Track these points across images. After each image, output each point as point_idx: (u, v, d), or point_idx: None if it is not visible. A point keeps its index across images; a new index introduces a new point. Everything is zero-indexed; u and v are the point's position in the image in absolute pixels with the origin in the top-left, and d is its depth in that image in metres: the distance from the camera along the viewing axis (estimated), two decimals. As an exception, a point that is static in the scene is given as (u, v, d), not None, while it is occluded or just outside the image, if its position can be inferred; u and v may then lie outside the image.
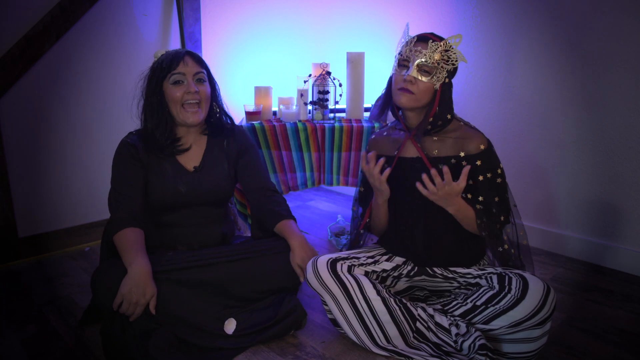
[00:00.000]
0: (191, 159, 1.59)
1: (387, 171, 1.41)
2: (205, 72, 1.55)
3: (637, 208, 1.94)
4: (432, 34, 1.41)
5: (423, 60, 1.37)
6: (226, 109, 1.68)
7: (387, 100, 1.55)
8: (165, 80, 1.49)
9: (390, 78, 1.49)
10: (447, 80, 1.40)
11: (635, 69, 1.85)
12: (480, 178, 1.41)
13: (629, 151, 1.92)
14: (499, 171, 1.43)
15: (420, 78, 1.38)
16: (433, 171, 1.31)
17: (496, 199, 1.42)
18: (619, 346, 1.46)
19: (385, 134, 1.59)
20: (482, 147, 1.42)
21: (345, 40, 3.02)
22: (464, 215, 1.39)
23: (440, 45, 1.37)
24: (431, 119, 1.42)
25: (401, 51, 1.43)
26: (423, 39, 1.40)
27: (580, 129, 2.05)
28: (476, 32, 2.30)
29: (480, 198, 1.42)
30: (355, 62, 2.20)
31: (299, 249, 1.50)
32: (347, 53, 2.21)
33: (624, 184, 1.95)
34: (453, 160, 1.43)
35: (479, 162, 1.41)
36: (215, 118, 1.64)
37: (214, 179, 1.60)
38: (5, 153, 1.98)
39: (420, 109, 1.44)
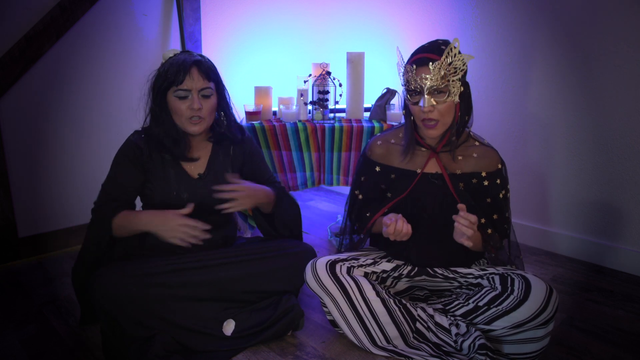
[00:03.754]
0: (196, 166, 1.56)
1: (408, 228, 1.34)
2: (212, 87, 1.48)
3: (637, 208, 1.94)
4: (428, 51, 1.32)
5: (431, 84, 1.29)
6: (238, 119, 1.62)
7: (410, 128, 1.43)
8: (169, 91, 1.45)
9: (406, 105, 1.41)
10: (462, 88, 1.33)
11: (635, 69, 1.85)
12: (500, 195, 1.43)
13: (628, 151, 1.92)
14: (509, 186, 1.45)
15: (436, 103, 1.31)
16: (461, 206, 1.28)
17: (507, 214, 1.45)
18: (619, 346, 1.46)
19: (392, 141, 1.50)
20: (499, 165, 1.43)
21: (345, 40, 3.02)
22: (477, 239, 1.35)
23: (442, 62, 1.28)
24: (454, 131, 1.37)
25: (407, 80, 1.34)
26: (422, 63, 1.31)
27: (580, 129, 2.05)
28: (476, 32, 2.30)
29: (495, 216, 1.43)
30: (355, 62, 2.20)
31: (256, 187, 1.51)
32: (347, 53, 2.21)
33: (624, 184, 1.95)
34: (474, 180, 1.42)
35: (498, 181, 1.42)
36: (223, 127, 1.58)
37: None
38: (5, 153, 1.98)
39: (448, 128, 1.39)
